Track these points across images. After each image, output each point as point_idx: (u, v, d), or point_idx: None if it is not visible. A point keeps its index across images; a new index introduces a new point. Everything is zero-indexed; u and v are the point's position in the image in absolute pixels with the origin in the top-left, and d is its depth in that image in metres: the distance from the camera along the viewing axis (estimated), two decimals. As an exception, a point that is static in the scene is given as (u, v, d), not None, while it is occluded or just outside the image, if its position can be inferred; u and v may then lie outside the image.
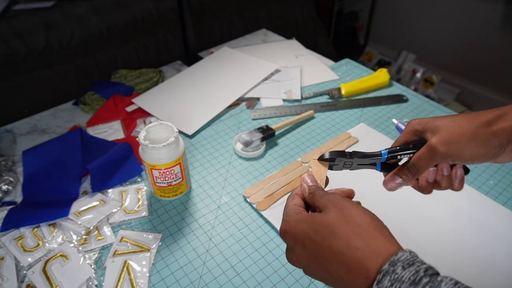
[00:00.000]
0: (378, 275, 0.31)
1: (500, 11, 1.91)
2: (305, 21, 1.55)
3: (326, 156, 0.43)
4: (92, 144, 0.80)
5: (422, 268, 0.30)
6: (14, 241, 0.61)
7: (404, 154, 0.43)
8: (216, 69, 1.03)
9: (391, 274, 0.30)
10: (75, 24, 1.05)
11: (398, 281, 0.29)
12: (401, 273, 0.30)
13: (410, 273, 0.30)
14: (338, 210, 0.36)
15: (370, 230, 0.34)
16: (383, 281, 0.30)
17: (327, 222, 0.35)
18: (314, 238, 0.35)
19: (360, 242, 0.33)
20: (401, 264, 0.30)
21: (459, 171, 0.44)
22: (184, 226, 0.65)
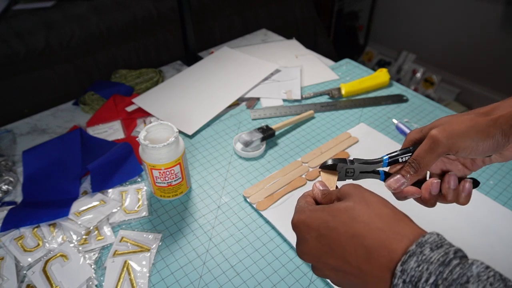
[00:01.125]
0: (403, 256, 0.29)
1: (500, 11, 1.91)
2: (305, 21, 1.55)
3: (328, 163, 0.42)
4: (92, 144, 0.80)
5: (451, 250, 0.29)
6: (14, 241, 0.61)
7: (405, 157, 0.43)
8: (216, 69, 1.03)
9: (419, 255, 0.29)
10: (75, 24, 1.05)
11: (426, 262, 0.28)
12: (430, 254, 0.28)
13: (439, 255, 0.28)
14: (359, 197, 0.34)
15: (393, 214, 0.32)
16: (408, 262, 0.29)
17: (347, 207, 0.33)
18: (331, 225, 0.33)
19: (383, 224, 0.31)
20: (429, 246, 0.29)
21: (467, 184, 0.42)
22: (184, 226, 0.65)
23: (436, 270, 0.28)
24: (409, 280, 0.28)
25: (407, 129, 0.82)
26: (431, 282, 0.27)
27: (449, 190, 0.42)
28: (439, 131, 0.38)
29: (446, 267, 0.28)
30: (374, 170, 0.44)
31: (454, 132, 0.38)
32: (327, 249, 0.33)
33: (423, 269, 0.28)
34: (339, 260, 0.33)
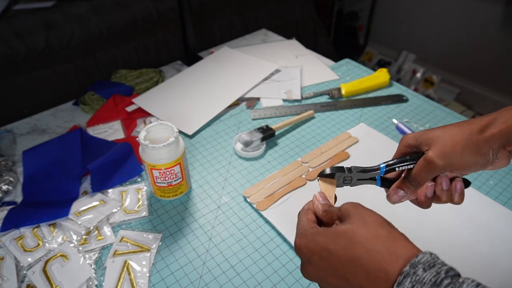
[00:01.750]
0: (399, 277, 0.31)
1: (500, 11, 1.91)
2: (305, 21, 1.55)
3: (326, 172, 0.43)
4: (92, 144, 0.80)
5: (443, 269, 0.30)
6: (14, 241, 0.62)
7: (402, 166, 0.44)
8: (216, 69, 1.03)
9: (412, 276, 0.30)
10: (75, 24, 1.05)
11: (419, 282, 0.29)
12: (422, 275, 0.30)
13: (431, 275, 0.30)
14: (357, 217, 0.36)
15: (389, 234, 0.34)
16: (404, 283, 0.30)
17: (346, 230, 0.35)
18: (332, 248, 0.35)
19: (379, 246, 0.33)
20: (422, 266, 0.30)
21: (458, 184, 0.44)
22: (184, 226, 0.65)
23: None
24: None
25: (407, 129, 0.82)
26: None
27: (442, 191, 0.44)
28: (435, 154, 0.40)
29: (438, 287, 0.29)
30: (371, 177, 0.45)
31: (450, 154, 0.40)
32: (331, 270, 0.35)
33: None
34: (341, 280, 0.35)
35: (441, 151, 0.40)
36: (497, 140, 0.39)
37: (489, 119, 0.41)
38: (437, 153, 0.40)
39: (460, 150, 0.40)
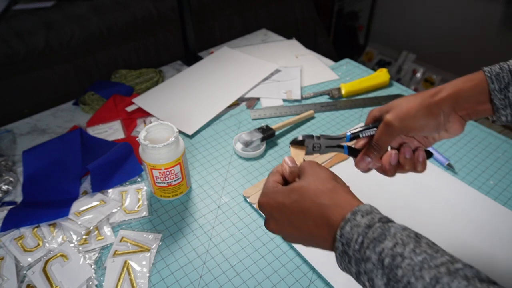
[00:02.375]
0: (341, 223, 0.36)
1: (500, 11, 1.91)
2: (305, 21, 1.55)
3: (297, 139, 0.48)
4: (92, 144, 0.80)
5: (377, 216, 0.35)
6: (14, 241, 0.62)
7: (365, 132, 0.48)
8: (216, 69, 1.03)
9: (352, 221, 0.35)
10: (75, 24, 1.05)
11: (356, 226, 0.35)
12: (360, 220, 0.35)
13: (367, 220, 0.35)
14: (311, 174, 0.41)
15: (333, 188, 0.39)
16: (345, 227, 0.36)
17: (298, 187, 0.40)
18: (287, 203, 0.40)
19: (325, 199, 0.38)
20: (361, 213, 0.36)
21: (421, 154, 0.48)
22: (184, 226, 0.65)
23: (363, 232, 0.34)
24: (345, 242, 0.35)
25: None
26: (359, 241, 0.34)
27: (405, 159, 0.48)
28: (392, 117, 0.45)
29: (370, 228, 0.34)
30: (338, 145, 0.49)
31: (404, 116, 0.45)
32: (287, 221, 0.41)
33: (354, 232, 0.35)
34: (296, 230, 0.40)
35: (397, 114, 0.45)
36: (446, 102, 0.44)
37: (441, 87, 0.45)
38: (394, 116, 0.45)
39: (413, 113, 0.44)
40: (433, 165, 0.74)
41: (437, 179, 0.71)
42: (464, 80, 0.45)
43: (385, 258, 0.32)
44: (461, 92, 0.44)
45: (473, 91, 0.44)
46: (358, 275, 0.35)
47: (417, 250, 0.32)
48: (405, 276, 0.31)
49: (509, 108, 0.44)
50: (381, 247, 0.33)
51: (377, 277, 0.33)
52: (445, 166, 0.74)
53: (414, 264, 0.31)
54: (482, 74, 0.45)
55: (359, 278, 0.35)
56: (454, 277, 0.30)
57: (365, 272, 0.34)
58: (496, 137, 0.81)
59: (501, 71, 0.44)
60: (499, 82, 0.44)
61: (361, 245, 0.34)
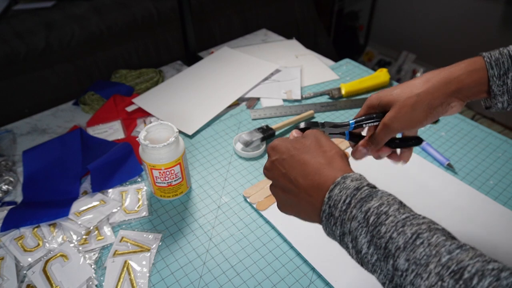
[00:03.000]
0: (331, 185, 0.38)
1: (500, 11, 1.91)
2: (305, 21, 1.55)
3: (302, 126, 0.48)
4: (92, 144, 0.80)
5: (365, 182, 0.37)
6: (14, 241, 0.62)
7: (368, 123, 0.50)
8: (216, 69, 1.03)
9: (341, 184, 0.37)
10: (75, 24, 1.05)
11: (345, 188, 0.37)
12: (349, 184, 0.37)
13: (356, 183, 0.37)
14: (316, 137, 0.43)
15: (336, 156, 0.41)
16: (334, 190, 0.37)
17: (305, 142, 0.43)
18: (292, 152, 0.42)
19: (325, 160, 0.40)
20: (350, 178, 0.37)
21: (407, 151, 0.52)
22: (184, 226, 0.65)
23: (351, 193, 0.36)
24: (332, 204, 0.37)
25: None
26: (347, 202, 0.36)
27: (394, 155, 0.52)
28: (390, 119, 0.47)
29: (358, 191, 0.36)
30: (341, 132, 0.51)
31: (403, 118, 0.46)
32: (283, 170, 0.42)
33: (342, 194, 0.36)
34: (288, 181, 0.41)
35: (396, 115, 0.46)
36: (449, 96, 0.45)
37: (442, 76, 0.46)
38: (393, 117, 0.46)
39: (411, 111, 0.45)
40: (433, 165, 0.74)
41: (437, 179, 0.71)
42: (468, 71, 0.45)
43: (371, 216, 0.34)
44: (464, 86, 0.45)
45: (476, 83, 0.45)
46: (342, 237, 0.37)
47: (401, 210, 0.34)
48: (388, 232, 0.33)
49: (507, 95, 0.44)
50: (367, 206, 0.35)
51: (361, 235, 0.34)
52: (445, 166, 0.74)
53: (397, 221, 0.33)
54: (483, 61, 0.45)
55: (342, 240, 0.37)
56: (434, 233, 0.32)
57: (350, 232, 0.35)
58: (496, 137, 0.81)
59: (500, 56, 0.44)
60: (498, 68, 0.44)
61: (348, 205, 0.36)
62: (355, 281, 0.56)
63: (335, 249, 0.61)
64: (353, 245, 0.35)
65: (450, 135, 0.82)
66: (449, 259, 0.29)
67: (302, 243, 0.61)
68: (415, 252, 0.31)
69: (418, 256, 0.30)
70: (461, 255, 0.29)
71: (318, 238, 0.59)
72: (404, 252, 0.31)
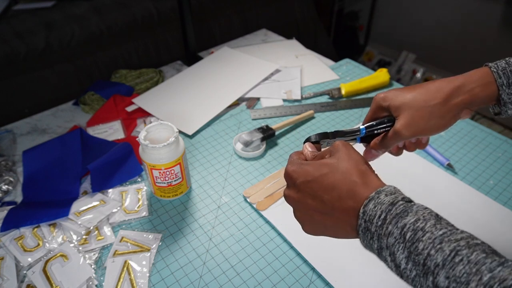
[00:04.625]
0: (365, 200, 0.37)
1: (500, 11, 1.91)
2: (305, 21, 1.55)
3: (312, 140, 0.47)
4: (92, 144, 0.80)
5: (400, 196, 0.36)
6: (14, 241, 0.62)
7: (379, 129, 0.50)
8: (216, 69, 1.03)
9: (376, 199, 0.36)
10: (75, 24, 1.05)
11: (380, 203, 0.36)
12: (384, 198, 0.36)
13: (390, 198, 0.36)
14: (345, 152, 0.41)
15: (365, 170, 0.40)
16: (368, 205, 0.36)
17: (330, 162, 0.40)
18: (316, 175, 0.40)
19: (356, 177, 0.39)
20: (385, 193, 0.36)
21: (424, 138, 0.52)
22: (184, 226, 0.65)
23: (386, 209, 0.35)
24: (368, 219, 0.36)
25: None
26: (382, 218, 0.35)
27: (411, 143, 0.52)
28: (402, 127, 0.46)
29: (393, 206, 0.35)
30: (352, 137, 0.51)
31: (414, 126, 0.46)
32: (310, 192, 0.40)
33: (377, 209, 0.36)
34: (317, 201, 0.40)
35: (407, 123, 0.46)
36: (460, 106, 0.45)
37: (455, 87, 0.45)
38: (404, 125, 0.46)
39: (424, 121, 0.46)
40: (433, 165, 0.74)
41: (437, 179, 0.71)
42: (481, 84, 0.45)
43: (407, 232, 0.33)
44: (478, 99, 0.45)
45: (489, 97, 0.46)
46: (380, 251, 0.36)
47: (438, 225, 0.33)
48: (426, 248, 0.32)
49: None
50: (403, 222, 0.34)
51: (399, 251, 0.34)
52: (445, 166, 0.74)
53: (435, 238, 0.32)
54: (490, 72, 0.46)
55: (380, 253, 0.36)
56: (473, 250, 0.31)
57: (387, 247, 0.35)
58: (496, 137, 0.81)
59: (507, 65, 0.45)
60: (506, 76, 0.45)
61: (384, 221, 0.35)
62: (355, 281, 0.56)
63: (335, 249, 0.61)
64: (391, 259, 0.35)
65: (450, 135, 0.82)
66: (491, 278, 0.29)
67: (302, 243, 0.61)
68: (454, 270, 0.30)
69: (458, 274, 0.30)
70: (503, 273, 0.29)
71: (318, 238, 0.59)
72: (443, 270, 0.31)
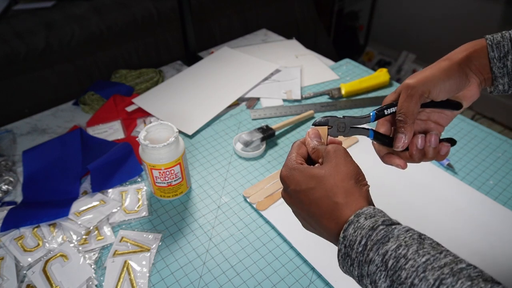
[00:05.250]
0: (345, 225, 0.36)
1: (500, 11, 1.91)
2: (305, 21, 1.55)
3: (321, 121, 0.45)
4: (92, 144, 0.80)
5: (380, 219, 0.35)
6: (14, 241, 0.62)
7: (389, 109, 0.46)
8: (216, 69, 1.03)
9: (355, 223, 0.35)
10: (75, 24, 1.05)
11: (360, 228, 0.35)
12: (363, 222, 0.35)
13: (370, 222, 0.35)
14: (333, 164, 0.40)
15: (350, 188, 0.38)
16: (348, 229, 0.36)
17: (317, 175, 0.40)
18: (303, 187, 0.40)
19: (339, 196, 0.38)
20: (364, 216, 0.36)
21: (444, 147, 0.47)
22: (184, 226, 0.65)
23: (366, 234, 0.34)
24: (348, 244, 0.35)
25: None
26: (362, 243, 0.34)
27: (430, 148, 0.46)
28: (411, 79, 0.44)
29: (374, 231, 0.34)
30: (364, 127, 0.46)
31: (424, 77, 0.44)
32: (299, 201, 0.41)
33: (357, 234, 0.35)
34: (306, 213, 0.41)
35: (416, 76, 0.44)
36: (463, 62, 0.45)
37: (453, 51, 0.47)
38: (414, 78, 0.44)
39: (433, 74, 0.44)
40: (433, 165, 0.74)
41: (437, 179, 0.71)
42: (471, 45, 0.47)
43: (389, 260, 0.32)
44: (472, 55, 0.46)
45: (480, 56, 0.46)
46: (360, 278, 0.35)
47: (421, 251, 0.32)
48: (409, 277, 0.31)
49: (507, 77, 0.45)
50: (385, 249, 0.33)
51: (381, 279, 0.33)
52: (445, 166, 0.74)
53: (418, 266, 0.31)
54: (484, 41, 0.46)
55: (361, 281, 0.35)
56: (458, 277, 0.29)
57: (368, 275, 0.34)
58: (496, 137, 0.81)
59: (502, 39, 0.45)
60: (499, 50, 0.45)
61: (364, 247, 0.34)
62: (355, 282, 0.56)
63: (335, 249, 0.61)
64: (373, 287, 0.34)
65: (450, 135, 0.81)
66: None
67: (302, 243, 0.61)
68: None
69: None
70: None
71: (318, 238, 0.59)
72: None
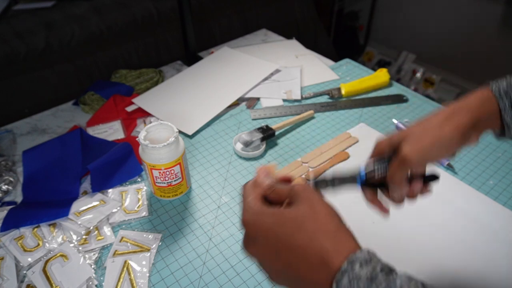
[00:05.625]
0: (337, 274, 0.31)
1: (500, 11, 1.91)
2: (305, 21, 1.56)
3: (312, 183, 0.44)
4: (92, 144, 0.80)
5: (378, 266, 0.31)
6: (14, 241, 0.61)
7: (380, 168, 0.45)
8: (216, 69, 1.03)
9: (350, 272, 0.31)
10: (75, 24, 1.05)
11: (356, 278, 0.30)
12: (359, 271, 0.30)
13: (367, 271, 0.30)
14: (308, 204, 0.35)
15: (336, 229, 0.34)
16: (342, 280, 0.31)
17: (294, 217, 0.35)
18: (279, 232, 0.34)
19: (326, 241, 0.33)
20: (359, 263, 0.31)
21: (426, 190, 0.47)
22: (184, 226, 0.65)
23: (364, 286, 0.30)
24: None
25: (407, 129, 0.82)
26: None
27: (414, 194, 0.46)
28: (409, 151, 0.42)
29: (373, 282, 0.30)
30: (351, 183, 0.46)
31: (422, 150, 0.42)
32: (274, 252, 0.35)
33: (354, 286, 0.30)
34: (284, 265, 0.34)
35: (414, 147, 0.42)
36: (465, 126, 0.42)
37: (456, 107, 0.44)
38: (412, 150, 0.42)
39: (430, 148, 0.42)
40: (433, 165, 0.74)
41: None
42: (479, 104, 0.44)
43: None
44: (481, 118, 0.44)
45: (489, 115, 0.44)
46: None
47: None
48: None
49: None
50: None
51: None
52: (445, 166, 0.74)
53: None
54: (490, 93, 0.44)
55: None
56: None
57: None
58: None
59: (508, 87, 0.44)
60: (508, 99, 0.43)
61: None
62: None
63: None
64: None
65: (450, 135, 0.82)
66: None
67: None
68: None
69: None
70: None
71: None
72: None
